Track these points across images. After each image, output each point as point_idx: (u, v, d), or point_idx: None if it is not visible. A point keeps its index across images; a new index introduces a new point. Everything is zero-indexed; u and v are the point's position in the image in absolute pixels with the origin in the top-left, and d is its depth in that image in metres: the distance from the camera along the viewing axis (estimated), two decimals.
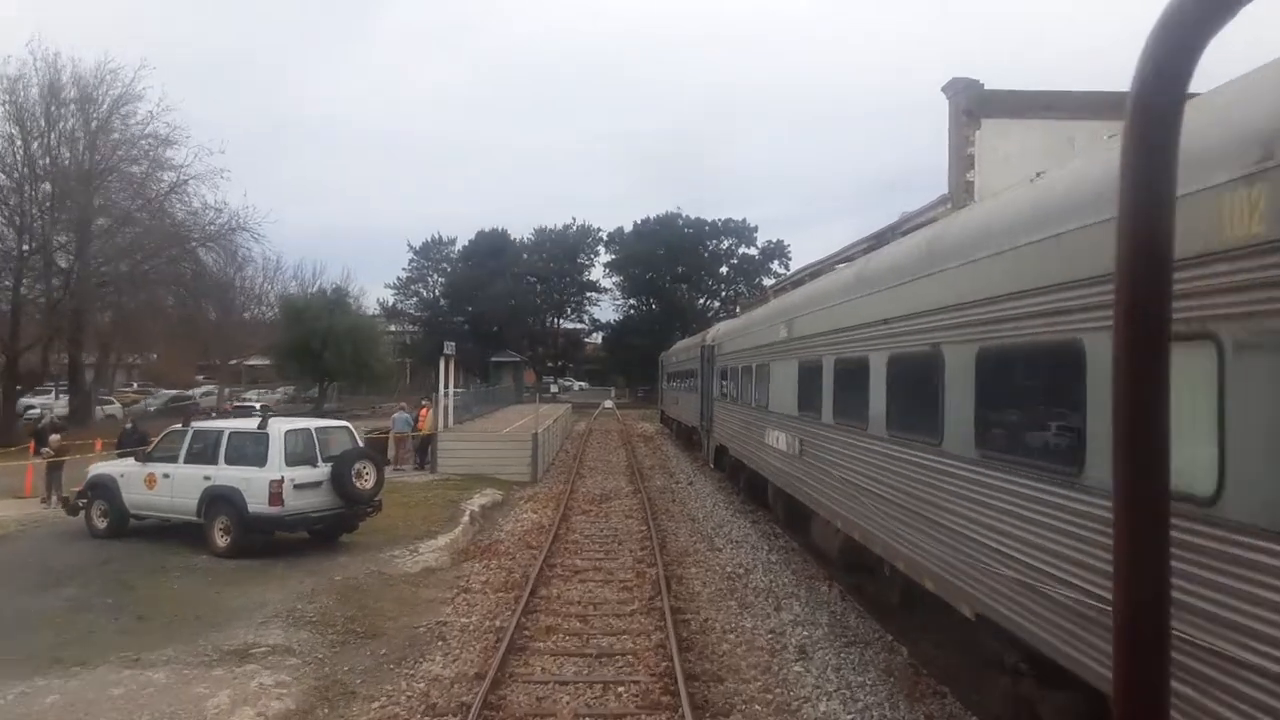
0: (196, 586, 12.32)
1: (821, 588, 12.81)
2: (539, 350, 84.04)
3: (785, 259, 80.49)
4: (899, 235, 22.87)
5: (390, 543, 15.12)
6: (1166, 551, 1.01)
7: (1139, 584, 1.00)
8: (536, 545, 15.82)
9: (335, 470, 13.75)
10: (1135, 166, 0.99)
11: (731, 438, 20.10)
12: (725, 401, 21.26)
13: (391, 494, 20.29)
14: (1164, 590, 1.00)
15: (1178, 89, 0.98)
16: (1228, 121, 3.74)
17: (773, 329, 14.62)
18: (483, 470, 24.22)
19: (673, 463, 30.88)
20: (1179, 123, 1.00)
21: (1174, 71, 0.97)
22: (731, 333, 20.86)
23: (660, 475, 26.94)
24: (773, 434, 14.45)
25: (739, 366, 18.75)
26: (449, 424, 26.47)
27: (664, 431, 45.25)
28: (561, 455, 33.46)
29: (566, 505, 20.46)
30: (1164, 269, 1.00)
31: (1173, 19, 0.95)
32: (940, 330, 7.04)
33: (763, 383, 15.74)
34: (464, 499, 20.13)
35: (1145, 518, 1.01)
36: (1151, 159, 0.99)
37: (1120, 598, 1.01)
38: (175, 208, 42.05)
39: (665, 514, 19.64)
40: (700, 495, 22.44)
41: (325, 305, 56.47)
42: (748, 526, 17.79)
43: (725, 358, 21.49)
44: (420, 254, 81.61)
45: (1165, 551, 1.01)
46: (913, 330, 7.66)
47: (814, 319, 11.41)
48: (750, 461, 17.34)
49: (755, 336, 16.78)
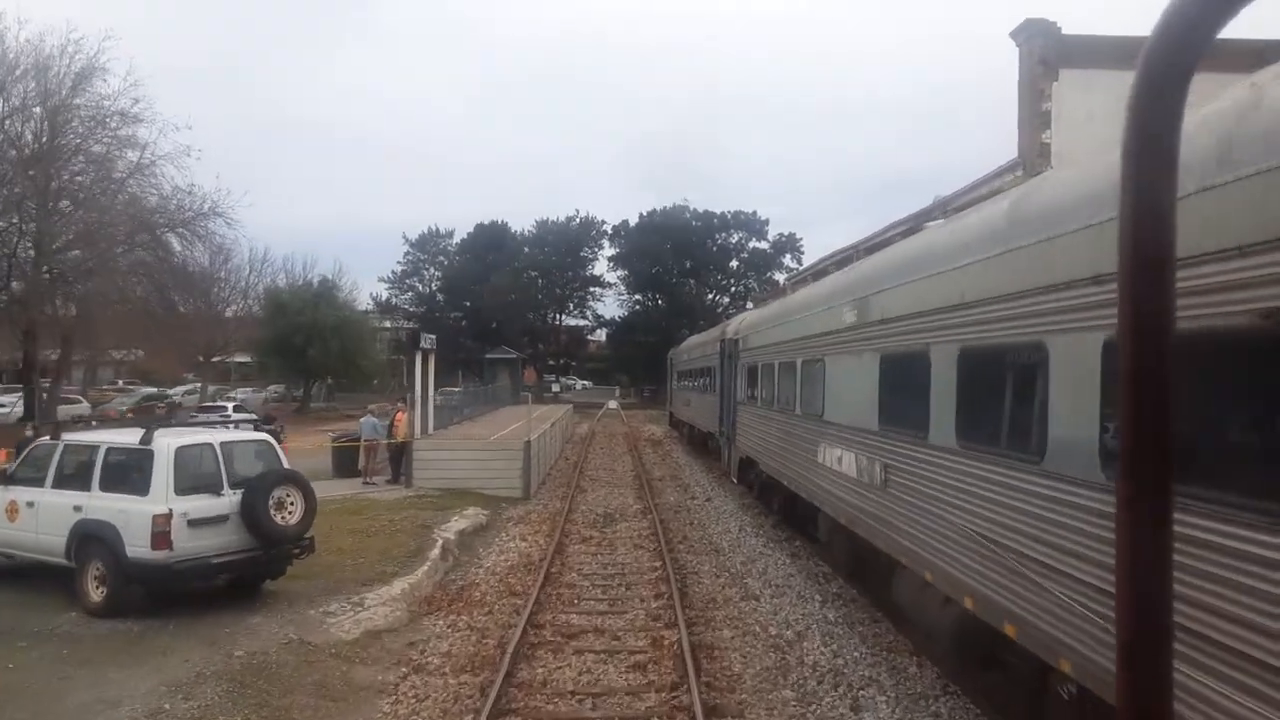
0: (39, 667, 8.82)
1: (910, 668, 9.28)
2: (540, 348, 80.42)
3: (798, 253, 76.82)
4: (947, 211, 19.37)
5: (330, 589, 11.62)
6: (1169, 556, 0.98)
7: (1142, 586, 0.97)
8: (521, 591, 12.33)
9: (247, 500, 10.26)
10: (1138, 169, 0.98)
11: (762, 450, 16.58)
12: (753, 405, 17.74)
13: (350, 517, 16.82)
14: (1166, 592, 0.98)
15: (1178, 92, 0.96)
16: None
17: (830, 313, 11.10)
18: (466, 484, 20.72)
19: (686, 473, 27.37)
20: (1179, 124, 0.97)
21: (1176, 74, 0.96)
22: (761, 323, 17.33)
23: (673, 489, 23.43)
24: (831, 452, 10.94)
25: (774, 363, 15.23)
26: (429, 429, 22.96)
27: (673, 435, 41.71)
28: (561, 463, 29.96)
29: (563, 530, 16.98)
30: (1166, 267, 0.98)
31: (1173, 22, 0.94)
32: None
33: (813, 383, 12.25)
34: (439, 522, 16.63)
35: (1148, 522, 0.98)
36: (1154, 161, 0.98)
37: (1123, 600, 0.99)
38: (143, 191, 38.60)
39: (682, 542, 16.14)
40: (722, 516, 18.92)
41: (310, 298, 53.07)
42: (788, 563, 14.27)
43: (753, 353, 17.97)
44: (416, 246, 77.96)
45: (1168, 556, 0.98)
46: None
47: (915, 292, 7.88)
48: (792, 482, 13.82)
49: (799, 325, 13.27)
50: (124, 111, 37.20)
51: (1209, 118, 4.02)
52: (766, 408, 16.03)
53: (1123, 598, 0.98)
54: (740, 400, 19.45)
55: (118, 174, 37.46)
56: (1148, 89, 0.96)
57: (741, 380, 19.28)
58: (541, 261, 77.75)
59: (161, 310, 43.52)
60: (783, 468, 14.52)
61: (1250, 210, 3.69)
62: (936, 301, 7.37)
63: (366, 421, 21.83)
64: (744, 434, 18.89)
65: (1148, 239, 0.97)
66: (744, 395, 19.02)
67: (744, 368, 19.05)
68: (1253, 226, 3.67)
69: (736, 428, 19.89)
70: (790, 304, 14.62)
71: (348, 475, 22.21)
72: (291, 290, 54.66)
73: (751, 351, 18.08)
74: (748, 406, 18.40)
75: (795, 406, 13.28)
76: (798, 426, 13.15)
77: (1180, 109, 0.97)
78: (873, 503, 9.12)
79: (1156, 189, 0.97)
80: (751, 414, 17.88)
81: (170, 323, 45.00)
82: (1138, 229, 0.97)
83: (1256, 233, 3.65)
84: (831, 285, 11.81)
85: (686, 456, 32.28)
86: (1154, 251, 0.97)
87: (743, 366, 19.21)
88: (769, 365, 15.89)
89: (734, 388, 20.72)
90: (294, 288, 55.31)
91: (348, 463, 22.25)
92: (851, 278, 10.67)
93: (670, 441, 39.05)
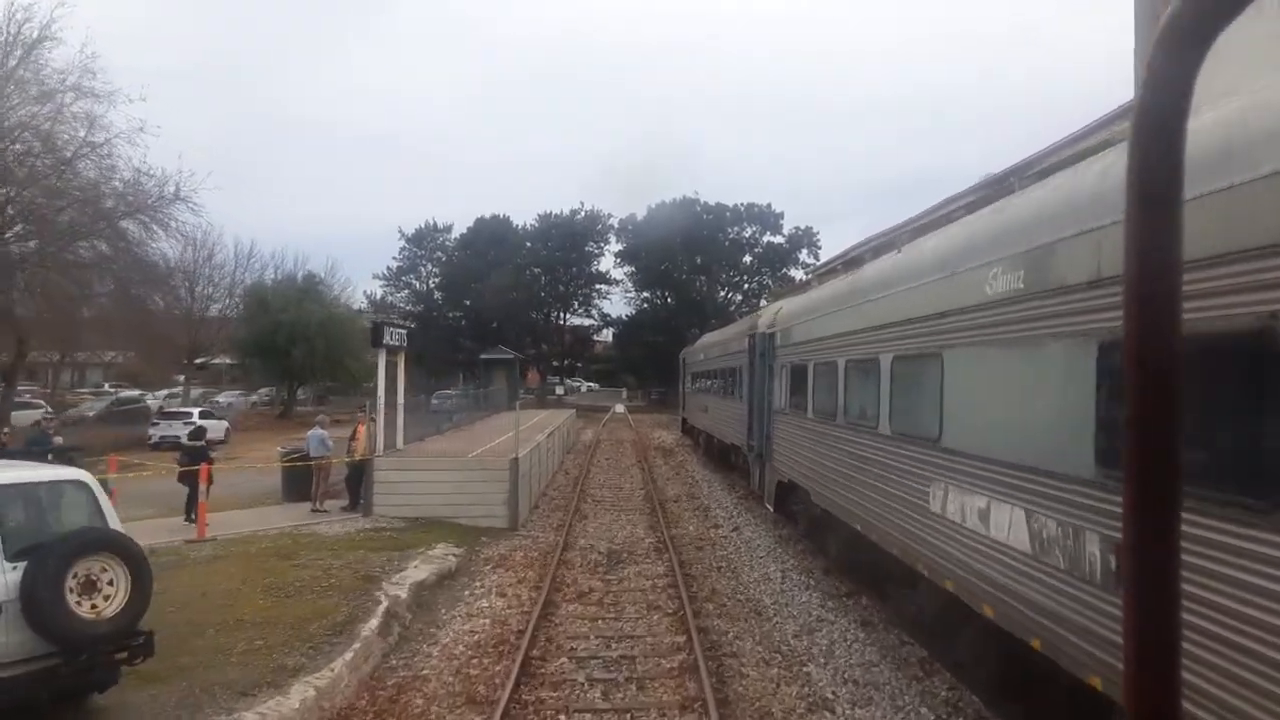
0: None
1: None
2: (544, 348, 76.42)
3: (815, 247, 72.66)
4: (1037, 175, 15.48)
5: (192, 702, 7.69)
6: (1177, 562, 0.93)
7: (1149, 590, 0.94)
8: (485, 697, 8.41)
9: (30, 580, 6.34)
10: (1142, 173, 0.94)
11: (814, 476, 12.61)
12: (798, 417, 13.79)
13: (277, 562, 12.96)
14: (1174, 596, 0.93)
15: (1182, 97, 0.92)
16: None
17: (955, 283, 7.14)
18: (439, 512, 16.82)
19: (704, 490, 23.41)
20: (1184, 129, 0.92)
21: (1178, 78, 0.92)
22: (811, 310, 13.35)
23: (692, 514, 19.47)
24: (960, 499, 6.98)
25: (837, 361, 11.27)
26: (398, 443, 19.04)
27: (686, 443, 37.73)
28: (559, 478, 26.03)
29: (555, 576, 13.08)
30: (1172, 277, 0.93)
31: (1174, 26, 0.90)
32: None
33: (914, 390, 8.29)
34: (391, 570, 12.73)
35: (1152, 527, 0.94)
36: (1159, 165, 0.93)
37: (1130, 604, 0.94)
38: (101, 174, 34.76)
39: (711, 598, 12.22)
40: (756, 553, 14.98)
41: (295, 294, 49.19)
42: (861, 638, 10.29)
43: (797, 350, 14.01)
44: (413, 242, 73.99)
45: (1176, 562, 0.93)
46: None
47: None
48: (869, 528, 9.84)
49: (883, 307, 9.32)
50: (80, 86, 33.52)
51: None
52: (823, 421, 12.06)
53: (1130, 608, 0.95)
54: (778, 408, 15.49)
55: (68, 153, 33.66)
56: (1152, 88, 0.93)
57: (780, 384, 15.32)
58: (545, 257, 73.71)
59: (127, 308, 39.80)
60: (851, 505, 10.55)
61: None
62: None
63: (314, 435, 17.82)
64: (784, 452, 14.92)
65: (1150, 249, 0.94)
66: (783, 402, 15.06)
67: (784, 368, 15.10)
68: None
69: (773, 443, 15.92)
70: (864, 281, 10.63)
71: (300, 499, 18.32)
72: (274, 286, 50.78)
73: (796, 348, 14.12)
74: (790, 417, 14.43)
75: (878, 423, 9.32)
76: (881, 452, 9.19)
77: (1185, 116, 0.93)
78: (1078, 603, 5.15)
79: (1163, 194, 0.93)
80: (796, 427, 13.91)
81: (137, 321, 41.24)
82: (1142, 237, 0.94)
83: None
84: (952, 241, 7.81)
85: (703, 470, 28.32)
86: (1161, 254, 0.93)
87: (782, 367, 15.25)
88: (825, 364, 11.93)
89: (768, 392, 16.77)
90: (277, 283, 51.45)
91: (301, 484, 18.34)
92: (1004, 221, 6.65)
93: (683, 451, 35.08)
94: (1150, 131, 0.94)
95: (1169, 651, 0.93)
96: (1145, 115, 0.94)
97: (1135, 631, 0.94)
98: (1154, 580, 0.93)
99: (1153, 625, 0.94)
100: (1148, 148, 0.94)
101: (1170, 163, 0.93)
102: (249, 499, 19.63)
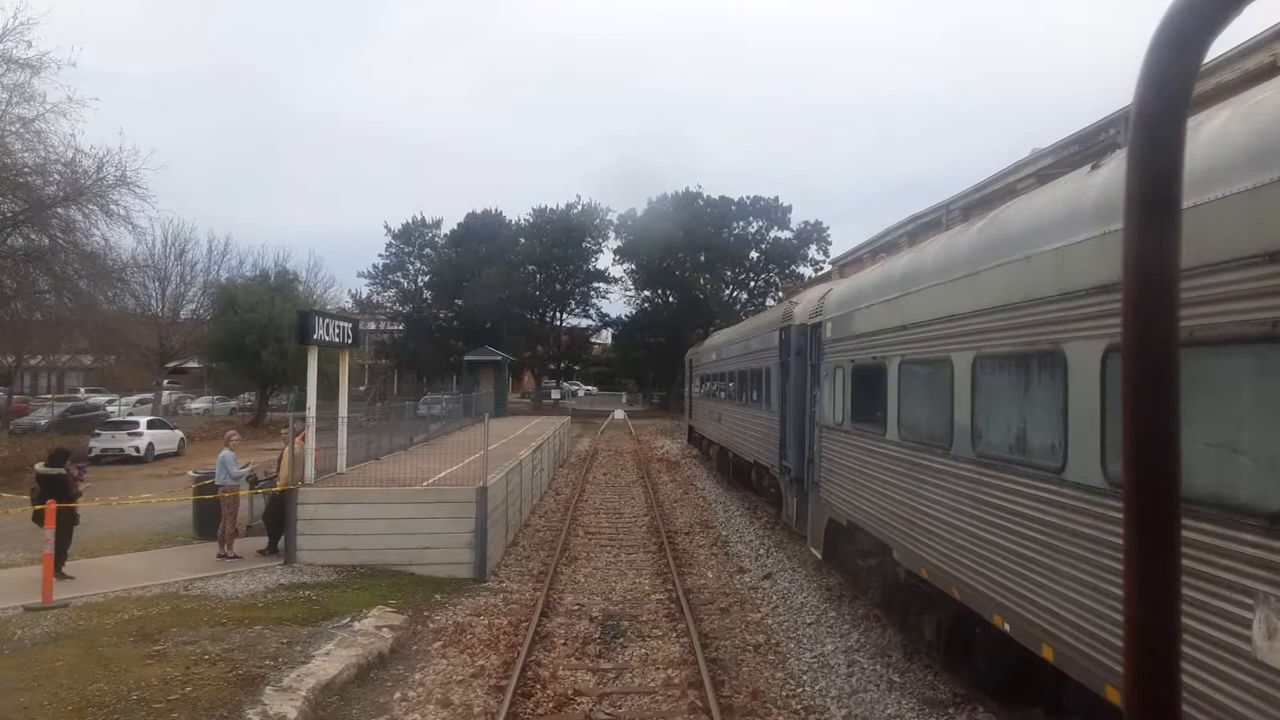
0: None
1: None
2: (539, 350, 72.34)
3: (825, 243, 68.68)
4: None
5: None
6: (1178, 565, 0.92)
7: (1149, 593, 0.92)
8: None
9: None
10: (1141, 176, 0.95)
11: (903, 526, 8.65)
12: (866, 437, 9.88)
13: (127, 648, 9.04)
14: (1174, 598, 0.92)
15: (1181, 99, 0.94)
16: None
17: None
18: (384, 558, 12.92)
19: (719, 516, 19.52)
20: (1183, 132, 0.94)
21: (1177, 81, 0.94)
22: (889, 286, 9.37)
23: (709, 553, 15.56)
24: None
25: (951, 361, 7.33)
26: (339, 466, 15.12)
27: (692, 454, 33.82)
28: (549, 501, 22.12)
29: (526, 667, 9.18)
30: (1170, 281, 0.94)
31: (1172, 28, 0.92)
32: None
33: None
34: (289, 662, 8.80)
35: (1155, 532, 0.92)
36: (1157, 168, 0.94)
37: (1131, 605, 0.93)
38: (31, 155, 30.84)
39: (754, 700, 8.32)
40: (805, 625, 11.06)
41: (266, 292, 45.17)
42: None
43: (863, 346, 10.10)
44: (400, 238, 69.82)
45: (1176, 566, 0.92)
46: None
47: None
48: (1063, 648, 5.88)
49: (1080, 263, 5.40)
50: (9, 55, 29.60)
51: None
52: (919, 448, 8.14)
53: (1130, 614, 0.93)
54: (831, 423, 11.57)
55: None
56: (1153, 86, 0.94)
57: (834, 390, 11.38)
58: (540, 254, 69.59)
59: (76, 306, 35.90)
60: (988, 588, 6.61)
61: None
62: None
63: (222, 458, 13.84)
64: (842, 483, 11.00)
65: (1150, 253, 0.95)
66: (839, 415, 11.15)
67: (838, 370, 11.18)
68: None
69: (822, 469, 11.98)
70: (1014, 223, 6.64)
71: (214, 537, 14.35)
72: (244, 283, 46.80)
73: (861, 341, 10.19)
74: (852, 437, 10.50)
75: (1064, 464, 5.41)
76: (1084, 520, 5.24)
77: (1184, 118, 0.94)
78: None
79: (1161, 198, 0.95)
80: (864, 452, 9.99)
81: (87, 321, 37.32)
82: (1142, 242, 0.94)
83: None
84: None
85: (715, 487, 24.42)
86: (1159, 259, 0.94)
87: (835, 368, 11.34)
88: (925, 363, 8.01)
89: (812, 401, 12.88)
90: (247, 280, 47.47)
91: (214, 518, 14.36)
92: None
93: (690, 464, 31.15)
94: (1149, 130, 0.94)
95: (1169, 655, 0.92)
96: (1145, 111, 0.94)
97: (1135, 634, 0.93)
98: (1155, 585, 0.92)
99: (1153, 629, 0.93)
100: (1145, 145, 0.94)
101: (1170, 160, 0.93)
102: (153, 535, 15.74)
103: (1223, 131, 4.19)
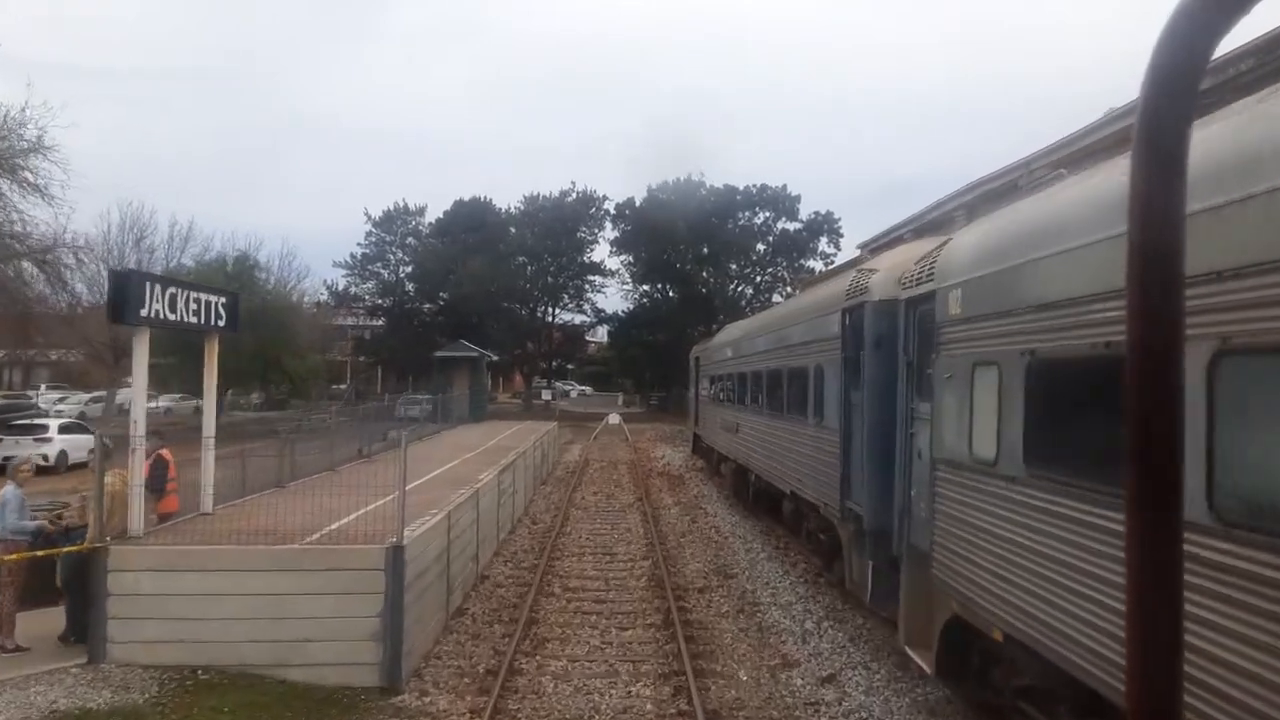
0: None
1: None
2: (529, 347, 67.49)
3: (836, 235, 63.97)
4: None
5: None
6: (1180, 569, 0.91)
7: (1151, 598, 0.92)
8: None
9: None
10: (1146, 178, 0.94)
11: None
12: (1053, 494, 5.27)
13: None
14: (1176, 601, 0.91)
15: (1186, 100, 0.93)
16: None
17: None
18: (243, 655, 8.31)
19: (741, 558, 14.94)
20: (1188, 133, 0.92)
21: (1183, 82, 0.92)
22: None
23: (735, 625, 10.94)
24: None
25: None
26: (204, 505, 10.45)
27: (698, 465, 29.17)
28: (521, 535, 17.48)
29: None
30: (1175, 280, 0.93)
31: (1178, 28, 0.90)
32: None
33: None
34: None
35: (1157, 536, 0.92)
36: (1162, 170, 0.93)
37: (1133, 610, 0.92)
38: None
39: None
40: None
41: (221, 281, 40.45)
42: None
43: (1039, 324, 5.50)
44: (381, 226, 64.88)
45: (1178, 569, 0.91)
46: None
47: None
48: None
49: None
50: None
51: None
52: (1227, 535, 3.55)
53: (1131, 609, 0.92)
54: (959, 459, 6.95)
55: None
56: (1158, 90, 0.93)
57: (968, 403, 6.78)
58: (531, 245, 64.77)
59: None
60: None
61: None
62: None
63: (9, 495, 9.10)
64: (983, 560, 6.40)
65: (1154, 252, 0.94)
66: (979, 447, 6.56)
67: (980, 369, 6.59)
68: None
69: (938, 526, 7.34)
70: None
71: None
72: (196, 270, 42.08)
73: (1046, 316, 5.61)
74: (1013, 489, 5.90)
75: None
76: None
77: (1189, 119, 0.93)
78: None
79: (1166, 201, 0.94)
80: (1043, 514, 5.40)
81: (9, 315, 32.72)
82: (1146, 241, 0.94)
83: None
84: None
85: (729, 512, 19.82)
86: (1165, 264, 0.93)
87: (973, 365, 6.74)
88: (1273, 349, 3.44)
89: (908, 418, 8.27)
90: (198, 267, 42.76)
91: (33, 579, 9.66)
92: None
93: (697, 479, 26.48)
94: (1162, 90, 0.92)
95: (1170, 653, 0.92)
96: (1158, 73, 0.93)
97: (1137, 633, 0.92)
98: (1155, 582, 0.91)
99: (1154, 627, 0.92)
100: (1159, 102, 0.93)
101: (1174, 160, 0.92)
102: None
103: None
